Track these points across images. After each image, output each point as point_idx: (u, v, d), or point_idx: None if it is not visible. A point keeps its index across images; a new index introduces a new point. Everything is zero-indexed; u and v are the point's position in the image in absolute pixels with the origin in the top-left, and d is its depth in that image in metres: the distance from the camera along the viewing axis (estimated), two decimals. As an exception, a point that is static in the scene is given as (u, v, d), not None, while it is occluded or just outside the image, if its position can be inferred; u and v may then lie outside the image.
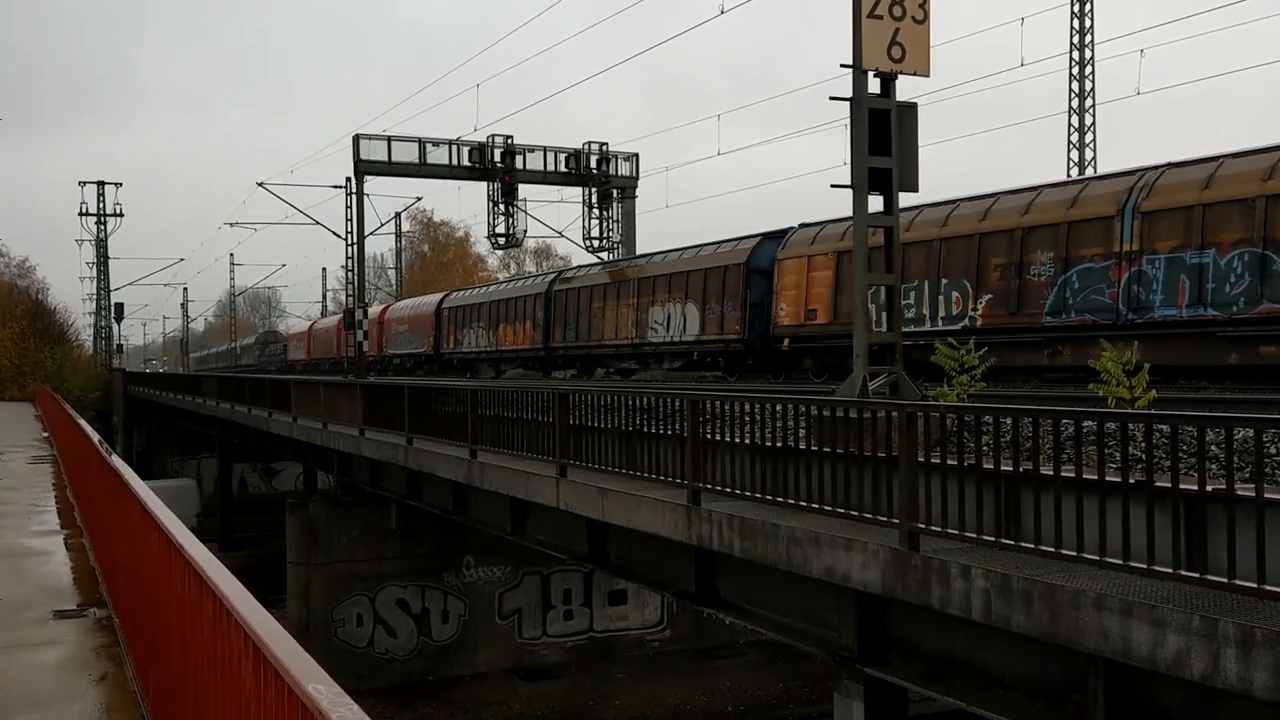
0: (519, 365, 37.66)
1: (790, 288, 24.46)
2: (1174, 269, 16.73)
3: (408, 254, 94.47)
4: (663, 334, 29.09)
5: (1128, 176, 18.14)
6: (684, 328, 28.31)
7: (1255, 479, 5.45)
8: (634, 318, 30.63)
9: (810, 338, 23.78)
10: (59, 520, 15.31)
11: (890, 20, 11.08)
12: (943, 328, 20.07)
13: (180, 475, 49.31)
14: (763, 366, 25.66)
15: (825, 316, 23.28)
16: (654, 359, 29.95)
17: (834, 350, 22.58)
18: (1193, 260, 16.49)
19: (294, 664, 2.92)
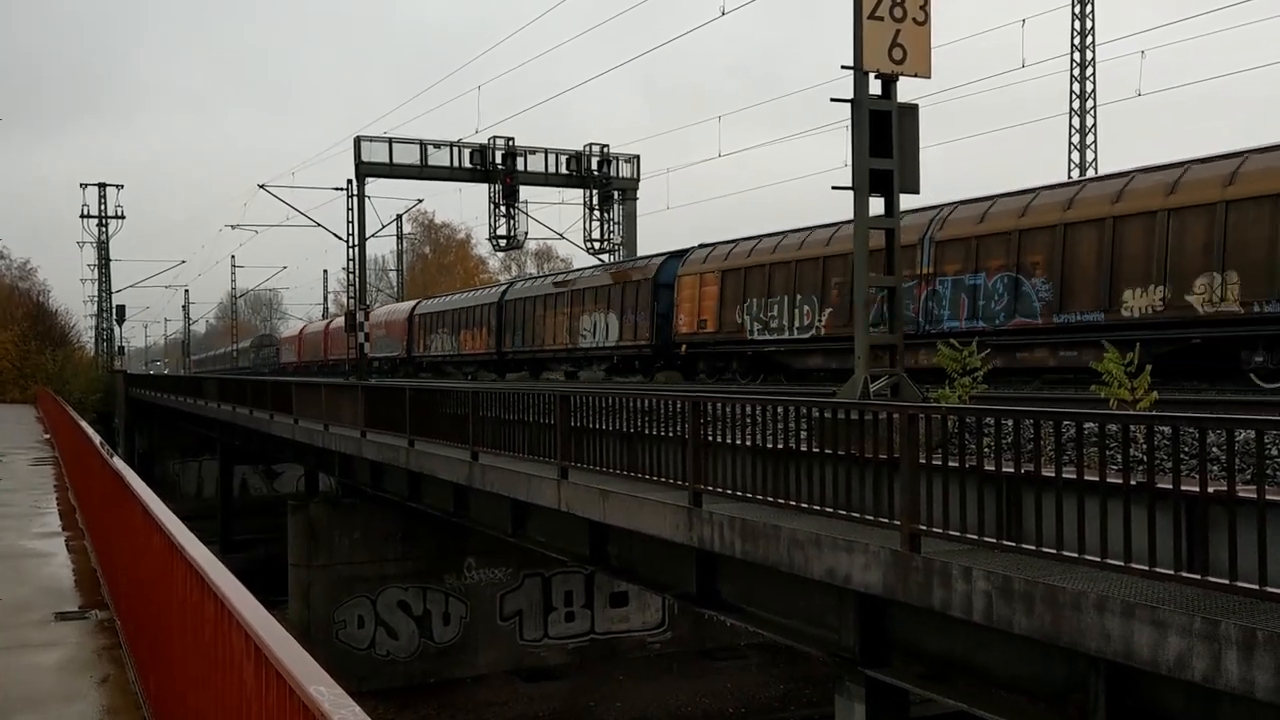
0: (477, 367, 41.02)
1: (687, 300, 28.19)
2: (957, 289, 20.45)
3: (409, 256, 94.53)
4: (591, 340, 32.74)
5: (930, 211, 21.57)
6: (607, 334, 31.95)
7: (1256, 480, 5.45)
8: (569, 325, 34.27)
9: (702, 344, 27.54)
10: (60, 522, 15.32)
11: (891, 22, 11.08)
12: (798, 336, 24.16)
13: (181, 477, 49.36)
14: (668, 367, 29.32)
15: (713, 326, 27.05)
16: (585, 362, 33.44)
17: (720, 355, 27.02)
18: (970, 282, 20.17)
19: (296, 666, 2.92)
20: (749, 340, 25.88)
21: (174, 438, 49.54)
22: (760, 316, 25.50)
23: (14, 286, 78.61)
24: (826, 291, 23.40)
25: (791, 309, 24.42)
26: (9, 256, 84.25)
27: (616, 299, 31.57)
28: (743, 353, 26.38)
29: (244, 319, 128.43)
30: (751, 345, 25.87)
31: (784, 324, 24.61)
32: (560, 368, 35.04)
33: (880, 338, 12.05)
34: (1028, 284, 19.08)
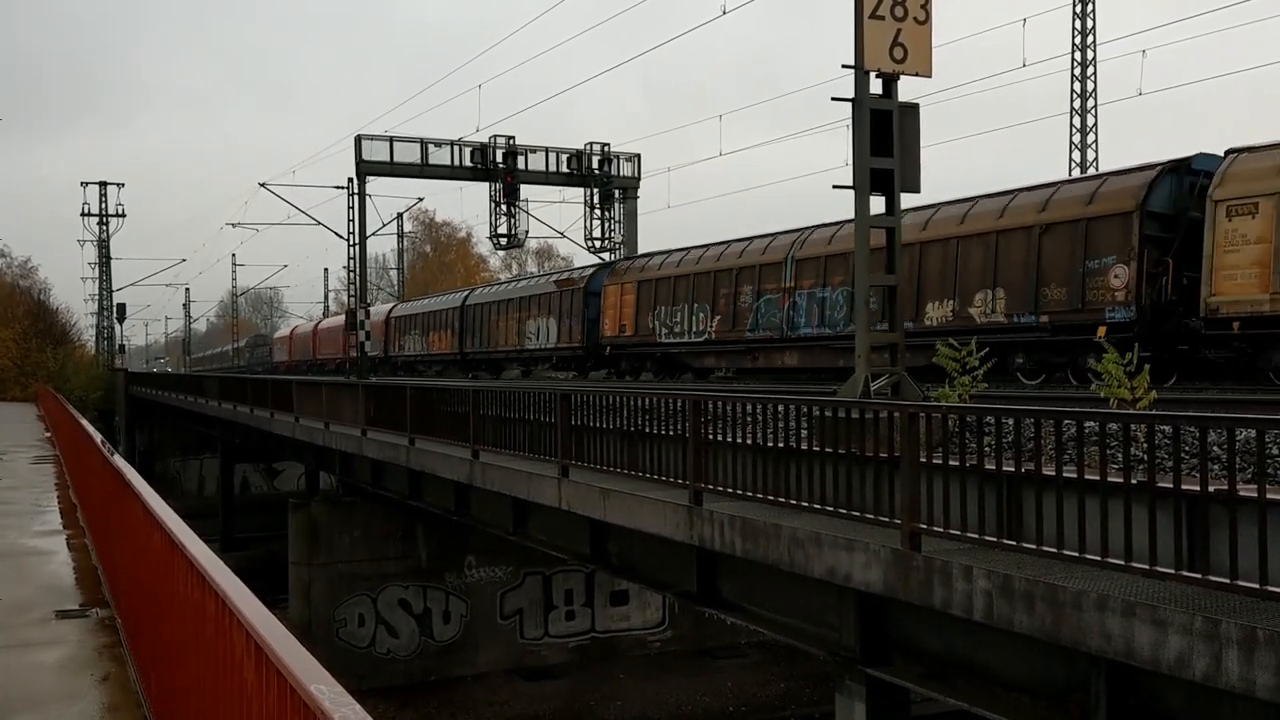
0: (444, 366, 44.77)
1: (611, 308, 32.62)
2: (811, 300, 24.60)
3: (410, 254, 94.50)
4: (535, 342, 37.07)
5: (794, 233, 26.23)
6: (549, 337, 36.23)
7: (1257, 479, 5.45)
8: (518, 329, 38.48)
9: (622, 345, 31.99)
10: (61, 520, 15.33)
11: (892, 21, 11.07)
12: (694, 340, 28.69)
13: (182, 475, 49.39)
14: (598, 366, 33.45)
15: (631, 330, 31.55)
16: (532, 361, 37.45)
17: (637, 355, 31.65)
18: (819, 295, 24.36)
19: (296, 664, 2.92)
20: (658, 343, 30.22)
21: (175, 436, 49.55)
22: (666, 322, 29.98)
23: (15, 285, 78.61)
24: (716, 301, 27.86)
25: (690, 316, 28.96)
26: (10, 255, 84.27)
27: (556, 305, 35.97)
28: (654, 353, 30.59)
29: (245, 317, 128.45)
30: (660, 347, 30.23)
31: (684, 329, 29.25)
32: (513, 366, 38.96)
33: (881, 337, 12.05)
34: None
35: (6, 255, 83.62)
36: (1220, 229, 16.75)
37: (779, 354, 26.05)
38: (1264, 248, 16.17)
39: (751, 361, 26.84)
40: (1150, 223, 18.04)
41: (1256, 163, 16.84)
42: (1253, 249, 16.33)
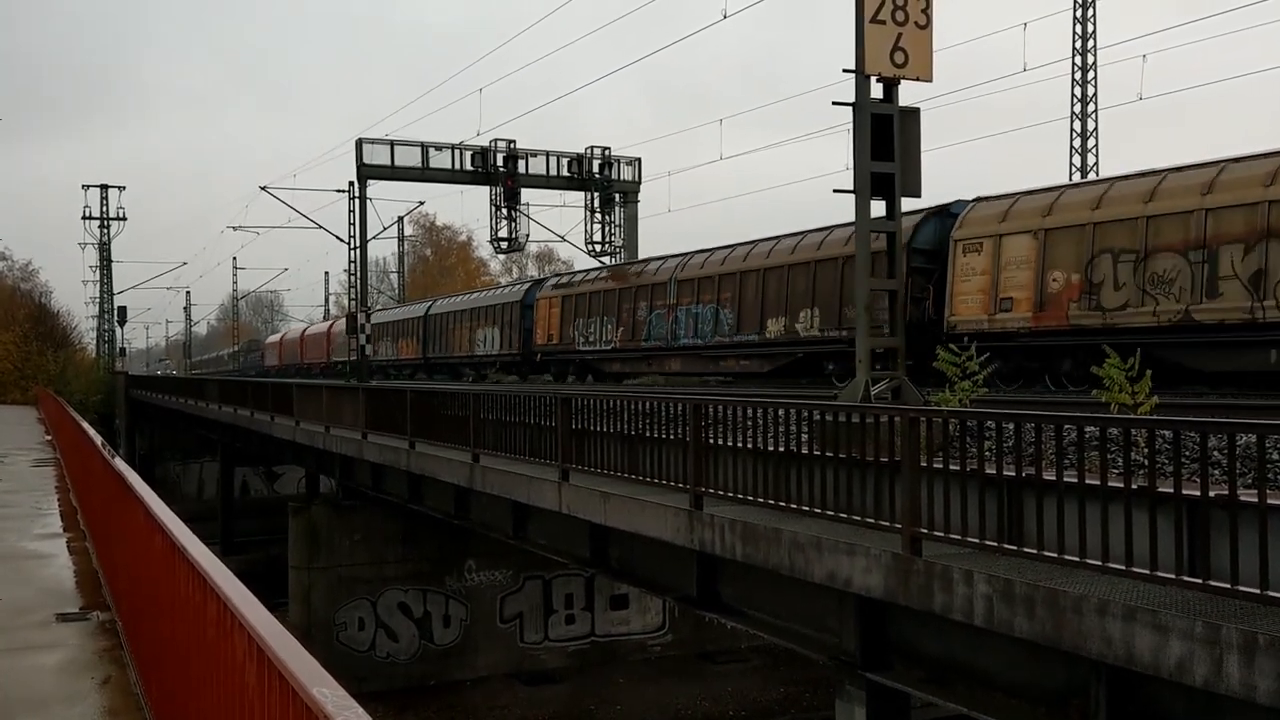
0: (412, 370, 48.94)
1: (541, 319, 37.25)
2: (688, 315, 28.89)
3: (410, 258, 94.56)
4: (483, 349, 41.81)
5: (679, 257, 30.76)
6: (493, 344, 41.01)
7: (1258, 484, 5.45)
8: (469, 337, 43.09)
9: (550, 353, 36.50)
10: (62, 523, 15.33)
11: (893, 25, 11.08)
12: (605, 348, 33.13)
13: (182, 479, 49.41)
14: (533, 371, 37.99)
15: (557, 340, 35.97)
16: (481, 366, 41.88)
17: (561, 361, 35.95)
18: (694, 310, 28.69)
19: (298, 667, 2.93)
20: (577, 351, 34.68)
21: (175, 439, 49.55)
22: (584, 333, 34.31)
23: (16, 288, 78.63)
24: (620, 315, 32.27)
25: (600, 328, 33.33)
26: (11, 258, 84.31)
27: (500, 317, 40.63)
28: (574, 359, 34.97)
29: (245, 321, 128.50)
30: (578, 354, 34.61)
31: (597, 338, 33.48)
32: (465, 371, 43.44)
33: (882, 341, 12.06)
34: (723, 313, 27.47)
35: (7, 258, 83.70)
36: (958, 263, 20.99)
37: (666, 360, 30.67)
38: (986, 278, 20.45)
39: (646, 366, 31.50)
40: (916, 257, 21.78)
41: (986, 209, 21.02)
42: (979, 279, 20.66)
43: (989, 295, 20.32)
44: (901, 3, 11.09)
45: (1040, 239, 19.68)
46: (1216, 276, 16.78)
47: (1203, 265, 16.88)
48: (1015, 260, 20.08)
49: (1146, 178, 18.40)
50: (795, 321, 24.80)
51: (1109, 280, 18.30)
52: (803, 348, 24.61)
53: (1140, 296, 17.85)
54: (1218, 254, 16.78)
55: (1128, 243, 18.00)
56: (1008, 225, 20.47)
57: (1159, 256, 17.53)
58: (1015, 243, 20.11)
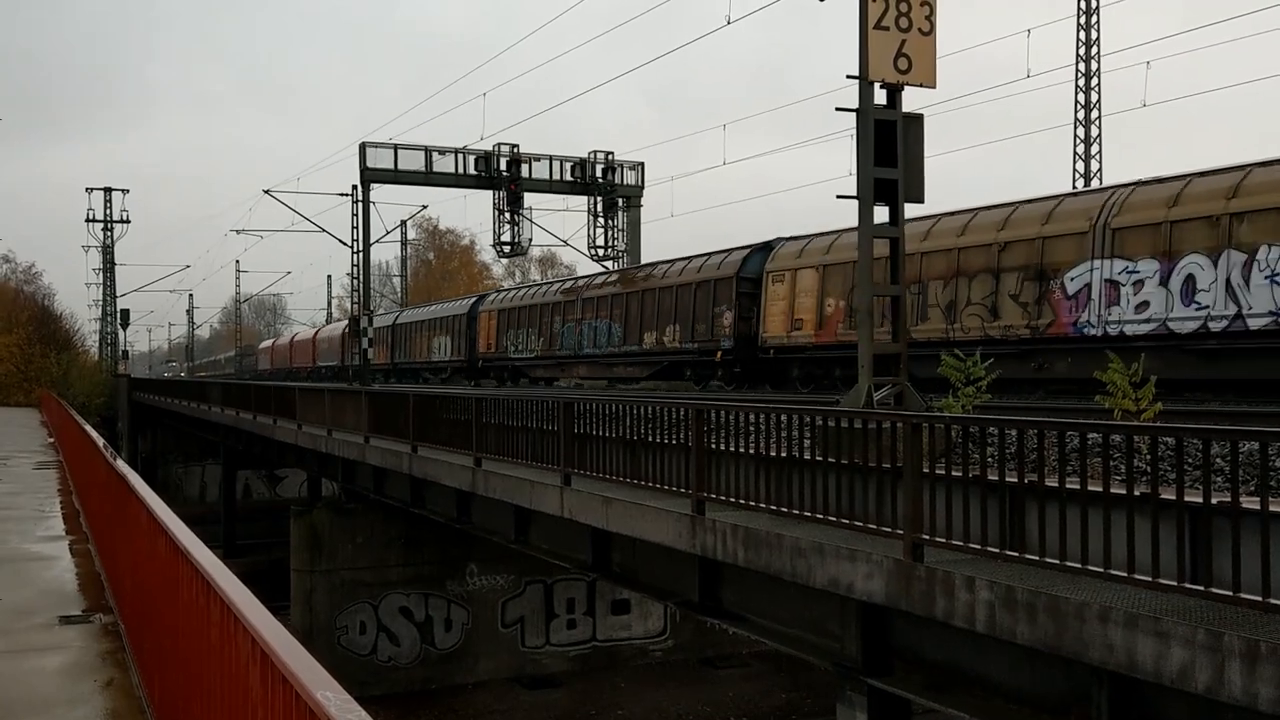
0: (383, 375, 54.03)
1: (482, 330, 43.53)
2: (590, 328, 34.70)
3: (413, 262, 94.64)
4: (438, 355, 48.01)
5: (587, 276, 38.32)
6: (446, 351, 47.21)
7: (1260, 492, 5.45)
8: (427, 345, 49.69)
9: (489, 359, 42.61)
10: (64, 525, 15.34)
11: (897, 32, 11.10)
12: (530, 355, 38.99)
13: (184, 481, 49.45)
14: (477, 376, 43.87)
15: (494, 349, 41.93)
16: (437, 371, 48.04)
17: (498, 367, 41.82)
18: (594, 324, 34.52)
19: (302, 671, 2.93)
20: (509, 358, 40.71)
21: (177, 442, 49.59)
22: (514, 343, 40.27)
23: (19, 290, 78.71)
24: (541, 327, 38.05)
25: (526, 338, 39.35)
26: (14, 260, 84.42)
27: (450, 327, 46.87)
28: (508, 365, 41.09)
29: (248, 324, 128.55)
30: (510, 361, 40.73)
31: (523, 348, 39.58)
32: (425, 374, 49.61)
33: (885, 346, 12.05)
34: (614, 327, 33.35)
35: (11, 261, 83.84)
36: (769, 290, 26.58)
37: (574, 366, 36.25)
38: (786, 303, 25.88)
39: (561, 372, 37.30)
40: (744, 284, 27.72)
41: (790, 247, 26.80)
42: (781, 303, 26.11)
43: (788, 316, 25.91)
44: (905, 9, 11.10)
45: (821, 272, 24.95)
46: (926, 305, 21.72)
47: (918, 296, 21.67)
48: (805, 289, 25.41)
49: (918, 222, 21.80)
50: (663, 336, 30.92)
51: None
52: (668, 356, 30.86)
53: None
54: (928, 287, 21.72)
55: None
56: (801, 261, 25.85)
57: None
58: (805, 275, 25.51)
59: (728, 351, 27.73)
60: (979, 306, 20.63)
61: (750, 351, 27.06)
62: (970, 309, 20.75)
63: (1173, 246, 17.57)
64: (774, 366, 26.72)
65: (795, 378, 25.74)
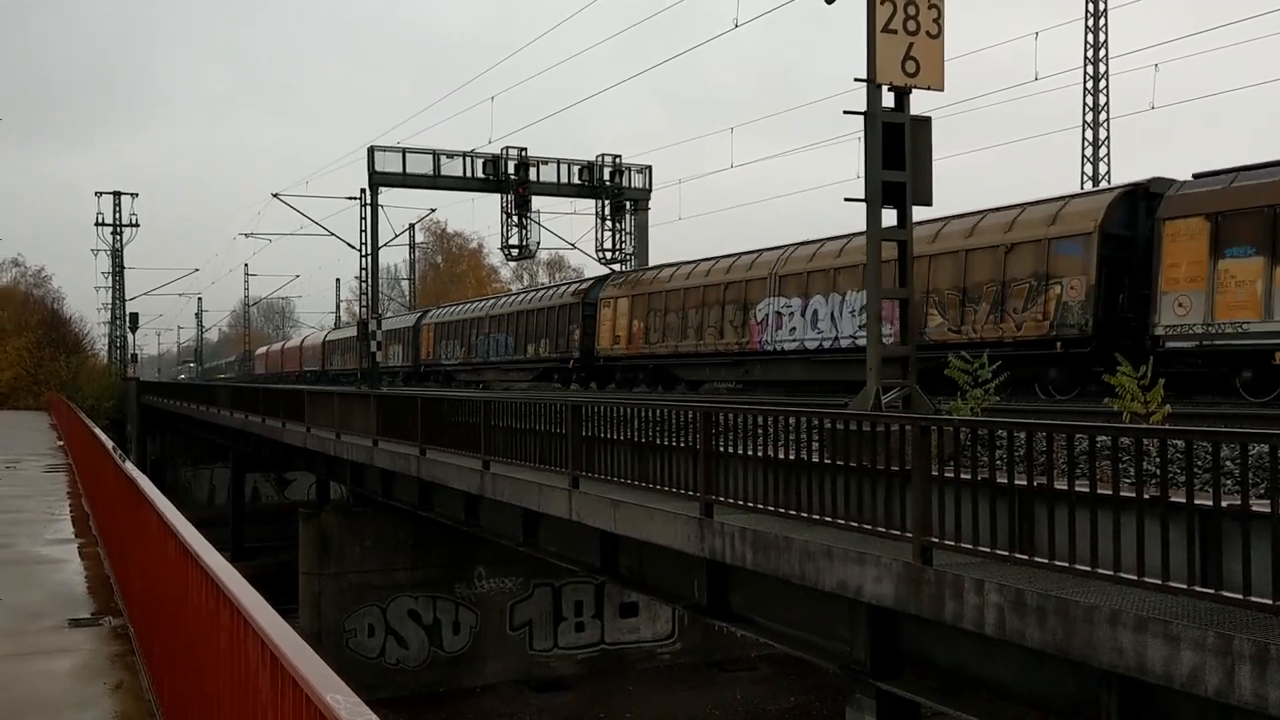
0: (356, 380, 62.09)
1: (424, 341, 52.02)
2: (495, 340, 42.22)
3: (421, 265, 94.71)
4: (394, 362, 55.05)
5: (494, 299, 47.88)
6: (398, 358, 55.26)
7: (1270, 494, 5.43)
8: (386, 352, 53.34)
9: (429, 365, 50.93)
10: (73, 528, 15.39)
11: (905, 35, 11.09)
12: (455, 362, 47.30)
13: (193, 484, 49.54)
14: (420, 380, 51.86)
15: (432, 356, 50.50)
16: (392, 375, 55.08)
17: (435, 372, 49.92)
18: (495, 338, 42.43)
19: (312, 673, 2.94)
20: (442, 364, 48.91)
21: (186, 445, 49.69)
22: (445, 351, 48.47)
23: (29, 294, 79.01)
24: (465, 339, 46.04)
25: (453, 348, 47.63)
26: (24, 264, 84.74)
27: (401, 337, 55.34)
28: (441, 371, 49.10)
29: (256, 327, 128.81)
30: (443, 367, 48.80)
31: (450, 356, 47.88)
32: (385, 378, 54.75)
33: (894, 350, 12.04)
34: (510, 339, 41.20)
35: (21, 264, 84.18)
36: (600, 313, 34.83)
37: (485, 371, 44.46)
38: (611, 324, 34.01)
39: (477, 376, 45.36)
40: (587, 308, 36.05)
41: (615, 280, 35.80)
42: (608, 324, 34.22)
43: (611, 334, 34.01)
44: (913, 12, 11.10)
45: (631, 301, 33.34)
46: (686, 325, 30.26)
47: (681, 318, 30.54)
48: (621, 313, 33.71)
49: (687, 265, 31.68)
50: (539, 348, 38.86)
51: (654, 328, 31.86)
52: (542, 364, 38.77)
53: (661, 337, 31.48)
54: (687, 314, 30.32)
55: (658, 305, 31.83)
56: (620, 292, 34.18)
57: (669, 314, 31.26)
58: (622, 303, 33.81)
59: (576, 360, 36.12)
60: (714, 329, 29.12)
61: (591, 360, 35.34)
62: (709, 330, 29.41)
63: (808, 290, 25.76)
64: (605, 372, 35.03)
65: (617, 380, 34.44)
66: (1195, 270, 17.36)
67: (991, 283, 20.60)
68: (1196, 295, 17.32)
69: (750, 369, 27.90)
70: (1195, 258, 17.38)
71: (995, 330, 20.36)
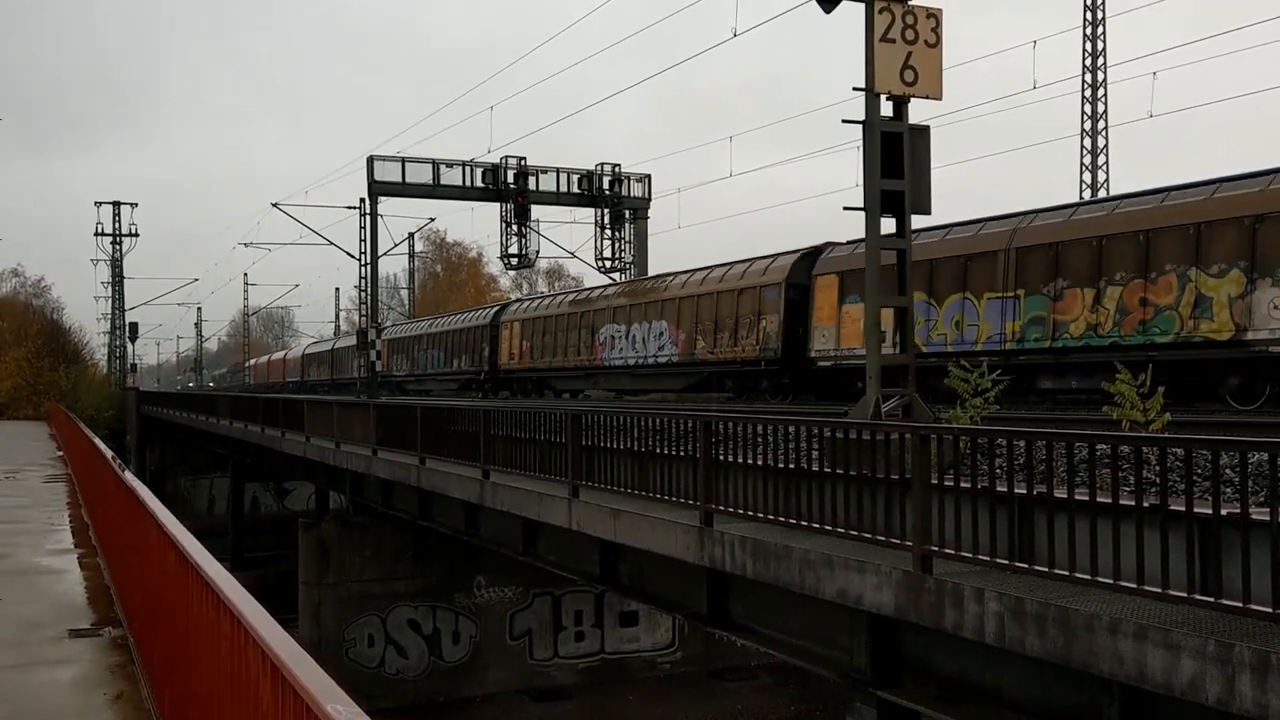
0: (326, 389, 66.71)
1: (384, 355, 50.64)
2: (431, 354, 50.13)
3: (420, 274, 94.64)
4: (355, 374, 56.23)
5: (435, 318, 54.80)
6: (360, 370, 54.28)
7: (1270, 502, 5.44)
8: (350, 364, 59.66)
9: (385, 376, 50.26)
10: (73, 539, 15.37)
11: (903, 44, 11.13)
12: (402, 374, 53.38)
13: (192, 494, 49.52)
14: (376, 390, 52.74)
15: (389, 368, 53.09)
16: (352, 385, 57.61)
17: (392, 384, 53.07)
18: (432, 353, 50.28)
19: (314, 684, 2.94)
20: (394, 376, 53.63)
21: (185, 455, 49.67)
22: (397, 365, 54.46)
23: (28, 304, 79.01)
24: (410, 353, 53.18)
25: (403, 361, 53.84)
26: (24, 274, 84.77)
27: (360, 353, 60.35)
28: (392, 381, 52.95)
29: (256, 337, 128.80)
30: (394, 378, 53.54)
31: (401, 369, 53.84)
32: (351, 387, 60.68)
33: (894, 359, 12.07)
34: (440, 354, 48.51)
35: (20, 274, 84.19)
36: (500, 334, 41.96)
37: (426, 381, 50.52)
38: (509, 343, 41.15)
39: (419, 385, 51.34)
40: (495, 330, 42.99)
41: (512, 306, 44.71)
42: (506, 344, 41.57)
43: (508, 352, 41.51)
44: (911, 22, 11.14)
45: (521, 325, 40.82)
46: (563, 345, 37.05)
47: (560, 337, 37.39)
48: (514, 335, 41.05)
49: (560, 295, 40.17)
50: (461, 362, 46.15)
51: (540, 345, 38.81)
52: (464, 376, 45.71)
53: (541, 354, 38.63)
54: (562, 336, 37.26)
55: (539, 329, 39.04)
56: (514, 317, 42.15)
57: (546, 336, 38.39)
58: (516, 326, 41.25)
59: (486, 373, 43.07)
60: (573, 349, 36.44)
61: (496, 373, 42.58)
62: (570, 349, 36.62)
63: (630, 320, 33.34)
64: (507, 383, 42.02)
65: (513, 389, 41.13)
66: (830, 311, 24.73)
67: (730, 317, 28.18)
68: (831, 329, 24.61)
69: (596, 379, 35.38)
70: (830, 303, 24.75)
71: (732, 352, 28.00)
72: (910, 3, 11.20)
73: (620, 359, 33.44)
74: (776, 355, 26.45)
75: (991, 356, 18.09)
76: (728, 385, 28.80)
